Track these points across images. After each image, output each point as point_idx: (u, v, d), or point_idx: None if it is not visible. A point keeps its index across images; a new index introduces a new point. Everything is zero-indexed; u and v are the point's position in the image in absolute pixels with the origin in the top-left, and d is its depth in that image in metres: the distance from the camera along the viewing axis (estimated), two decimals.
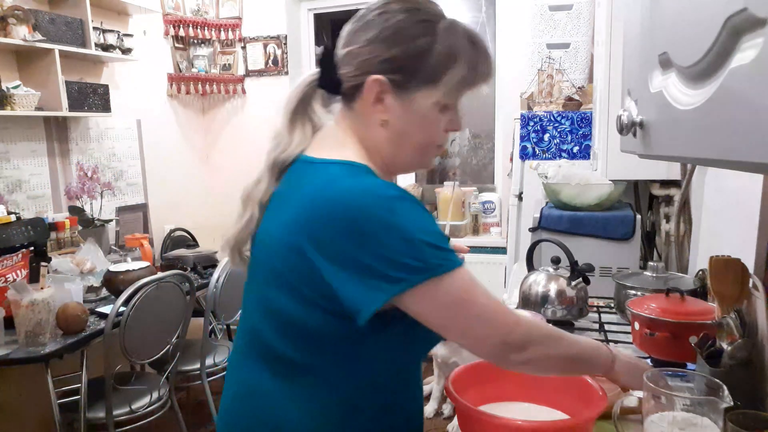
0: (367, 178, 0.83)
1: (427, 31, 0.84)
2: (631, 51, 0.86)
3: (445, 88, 0.85)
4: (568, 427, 0.90)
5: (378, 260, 0.76)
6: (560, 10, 2.76)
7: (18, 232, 2.38)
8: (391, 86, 0.84)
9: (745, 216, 1.22)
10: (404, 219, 0.77)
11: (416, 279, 0.76)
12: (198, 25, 3.77)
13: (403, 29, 0.84)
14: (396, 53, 0.84)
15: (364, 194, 0.78)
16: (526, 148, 2.65)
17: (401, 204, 0.77)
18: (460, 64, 0.84)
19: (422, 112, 0.86)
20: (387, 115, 0.86)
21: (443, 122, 0.88)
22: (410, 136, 0.88)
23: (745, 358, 0.94)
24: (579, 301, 1.58)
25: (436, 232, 0.79)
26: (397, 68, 0.84)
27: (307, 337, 0.84)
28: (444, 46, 0.84)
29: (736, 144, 0.43)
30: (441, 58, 0.84)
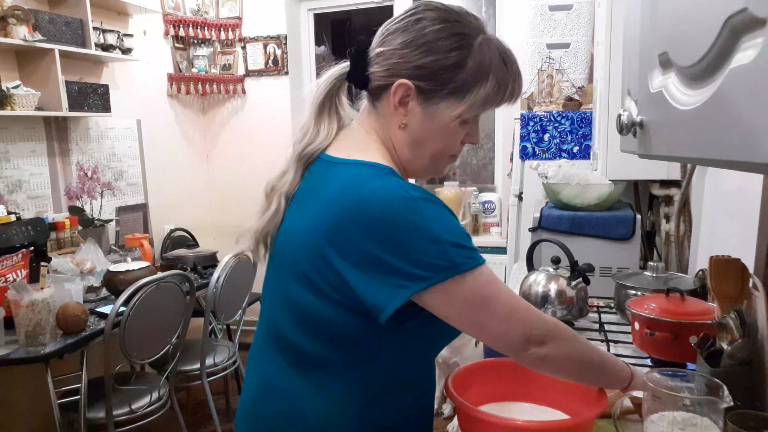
0: (391, 180, 0.83)
1: (461, 45, 0.84)
2: (631, 51, 0.86)
3: (469, 103, 0.85)
4: (568, 427, 0.90)
5: (402, 259, 0.77)
6: (560, 10, 2.76)
7: (18, 232, 2.38)
8: (417, 92, 0.86)
9: (745, 216, 1.22)
10: (429, 219, 0.78)
11: (440, 277, 0.78)
12: (198, 25, 3.77)
13: (439, 40, 0.84)
14: (428, 62, 0.84)
15: (389, 196, 0.79)
16: (526, 148, 2.65)
17: (425, 205, 0.79)
18: (490, 83, 0.85)
19: (443, 122, 0.87)
20: (407, 119, 0.88)
21: (462, 134, 0.90)
22: (427, 143, 0.89)
23: (745, 358, 0.94)
24: (579, 301, 1.58)
25: (460, 232, 0.81)
26: (426, 76, 0.85)
27: (326, 332, 0.85)
28: (476, 63, 0.84)
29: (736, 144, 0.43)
30: (471, 74, 0.84)
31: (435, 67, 0.84)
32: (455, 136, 0.89)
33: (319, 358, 0.87)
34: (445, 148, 0.90)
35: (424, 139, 0.89)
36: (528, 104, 2.83)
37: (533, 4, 2.80)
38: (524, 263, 1.77)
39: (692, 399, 0.84)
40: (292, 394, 0.88)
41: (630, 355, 1.35)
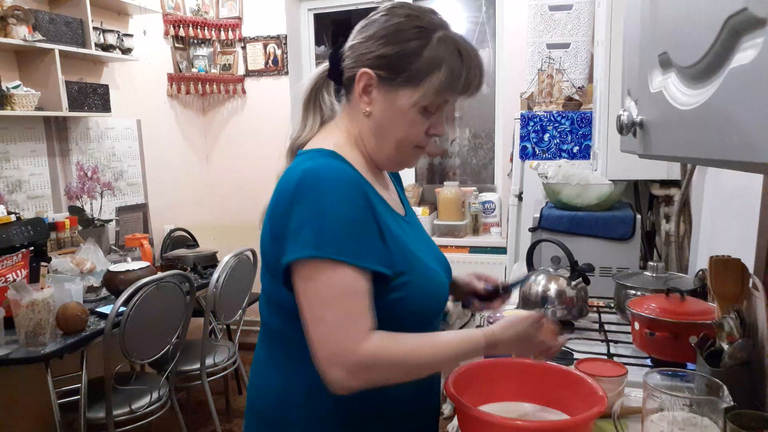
0: (320, 160, 0.89)
1: (420, 36, 0.90)
2: (631, 51, 0.86)
3: (424, 91, 0.90)
4: (568, 427, 0.90)
5: (292, 227, 0.84)
6: (560, 10, 2.75)
7: (18, 232, 2.38)
8: (378, 81, 0.92)
9: (745, 216, 1.22)
10: (324, 196, 0.83)
11: (313, 252, 0.82)
12: (198, 25, 3.77)
13: (400, 31, 0.91)
14: (387, 51, 0.90)
15: (304, 172, 0.85)
16: (526, 148, 2.65)
17: (329, 184, 0.84)
18: (443, 72, 0.90)
19: (403, 109, 0.92)
20: (371, 107, 0.94)
21: (425, 125, 0.93)
22: (390, 131, 0.94)
23: (745, 358, 0.94)
24: (579, 301, 1.58)
25: (348, 221, 0.83)
26: (385, 65, 0.91)
27: (281, 309, 0.92)
28: (431, 53, 0.90)
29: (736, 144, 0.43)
30: (426, 63, 0.90)
31: (394, 56, 0.90)
32: (417, 125, 0.93)
33: (280, 334, 0.94)
34: (408, 136, 0.94)
35: (387, 126, 0.94)
36: (528, 104, 2.83)
37: (533, 4, 2.80)
38: (524, 263, 1.78)
39: (692, 399, 0.84)
40: (260, 367, 0.99)
41: (630, 355, 1.35)
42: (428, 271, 0.95)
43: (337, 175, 0.85)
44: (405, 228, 0.99)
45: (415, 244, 0.97)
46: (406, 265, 0.91)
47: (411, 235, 0.99)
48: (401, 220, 1.00)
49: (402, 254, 0.91)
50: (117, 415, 2.19)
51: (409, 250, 0.93)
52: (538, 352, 1.00)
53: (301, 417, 0.93)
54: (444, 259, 1.07)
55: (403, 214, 1.04)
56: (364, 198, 0.86)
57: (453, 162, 4.07)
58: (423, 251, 0.98)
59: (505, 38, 3.46)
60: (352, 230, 0.83)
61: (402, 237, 0.94)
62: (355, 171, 0.91)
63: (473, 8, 3.78)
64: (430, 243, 1.08)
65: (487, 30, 3.74)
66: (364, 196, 0.86)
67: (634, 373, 1.15)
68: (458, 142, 4.03)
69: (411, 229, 1.02)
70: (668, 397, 0.84)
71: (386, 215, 0.93)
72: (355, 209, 0.84)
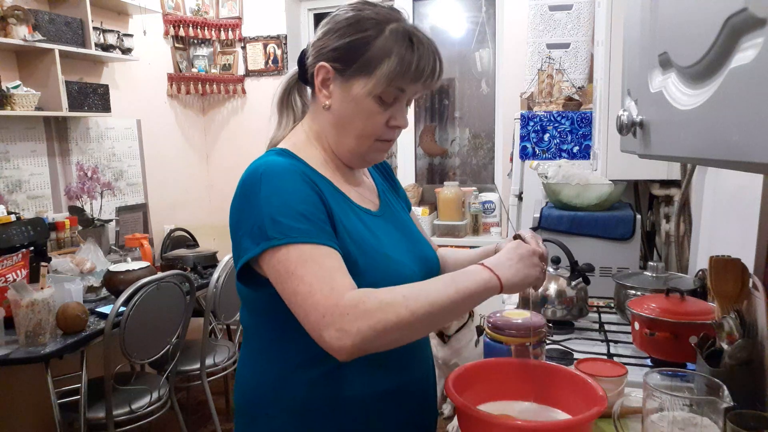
0: (267, 158, 0.92)
1: (370, 27, 0.92)
2: (631, 51, 0.86)
3: (377, 80, 0.91)
4: (568, 427, 0.90)
5: (240, 230, 0.87)
6: (560, 10, 2.76)
7: (18, 232, 2.38)
8: (335, 73, 0.94)
9: (745, 216, 1.22)
10: (264, 192, 0.86)
11: (257, 249, 0.84)
12: (198, 25, 3.77)
13: (354, 24, 0.93)
14: (341, 44, 0.93)
15: (249, 171, 0.89)
16: (526, 148, 2.65)
17: (269, 179, 0.87)
18: (393, 60, 0.90)
19: (359, 99, 0.93)
20: (330, 100, 0.95)
21: (384, 116, 0.94)
22: (349, 123, 0.95)
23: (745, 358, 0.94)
24: (579, 301, 1.58)
25: (288, 207, 0.85)
26: (339, 57, 0.93)
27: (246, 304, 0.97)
28: (382, 42, 0.91)
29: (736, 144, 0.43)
30: (377, 52, 0.91)
31: (346, 48, 0.92)
32: (375, 115, 0.94)
33: (249, 329, 0.98)
34: (368, 128, 0.95)
35: (346, 118, 0.95)
36: (528, 104, 2.83)
37: (533, 4, 2.80)
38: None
39: (692, 399, 0.84)
40: (238, 365, 1.02)
41: (630, 355, 1.35)
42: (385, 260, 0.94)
43: (278, 169, 0.88)
44: (368, 222, 0.98)
45: (373, 234, 0.96)
46: (357, 254, 0.90)
47: (373, 226, 0.98)
48: (367, 214, 1.00)
49: (354, 244, 0.91)
50: (117, 415, 2.19)
51: (365, 241, 0.93)
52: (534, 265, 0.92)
53: (274, 410, 0.94)
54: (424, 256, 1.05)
55: (375, 209, 1.04)
56: (309, 185, 0.88)
57: (453, 162, 4.07)
58: (385, 241, 0.98)
59: (505, 38, 3.46)
60: (294, 212, 0.85)
61: (357, 228, 0.94)
62: (301, 165, 0.93)
63: (473, 8, 3.78)
64: (407, 235, 1.05)
65: (487, 30, 3.74)
66: (307, 183, 0.88)
67: (634, 373, 1.15)
68: (458, 142, 4.03)
69: (380, 224, 1.01)
70: (668, 397, 0.84)
71: (341, 207, 0.94)
72: (298, 195, 0.86)
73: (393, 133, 0.97)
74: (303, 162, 0.95)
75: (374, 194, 1.08)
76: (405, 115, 0.97)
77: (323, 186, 0.93)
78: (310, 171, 0.94)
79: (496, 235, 3.58)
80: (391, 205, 1.09)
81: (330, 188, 0.95)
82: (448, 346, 2.57)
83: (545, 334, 1.17)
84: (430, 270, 1.05)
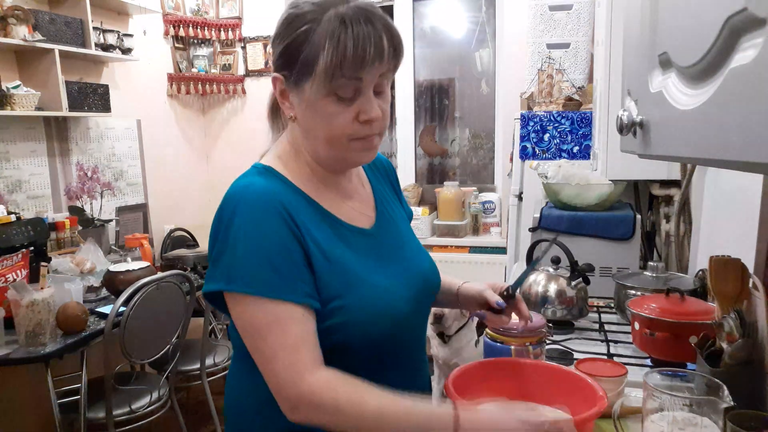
0: (246, 179, 0.86)
1: (304, 23, 0.82)
2: (631, 51, 0.86)
3: (318, 76, 0.81)
4: None
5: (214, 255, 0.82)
6: (560, 10, 2.76)
7: (18, 232, 2.38)
8: (287, 83, 0.86)
9: (745, 216, 1.22)
10: (236, 226, 0.80)
11: (225, 286, 0.80)
12: (198, 25, 3.77)
13: (289, 24, 0.84)
14: (281, 50, 0.85)
15: (228, 196, 0.83)
16: (526, 148, 2.65)
17: (243, 212, 0.80)
18: (327, 49, 0.79)
19: (313, 103, 0.84)
20: (293, 111, 0.88)
21: (349, 112, 0.83)
22: (314, 130, 0.86)
23: (745, 358, 0.94)
24: (579, 301, 1.58)
25: (261, 256, 0.79)
26: (285, 64, 0.85)
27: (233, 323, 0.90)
28: (317, 35, 0.80)
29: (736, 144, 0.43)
30: (313, 47, 0.81)
31: (285, 52, 0.84)
32: (338, 115, 0.83)
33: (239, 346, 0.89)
34: (334, 130, 0.84)
35: (311, 125, 0.87)
36: (528, 104, 2.83)
37: (533, 4, 2.80)
38: (524, 263, 1.77)
39: (692, 399, 0.84)
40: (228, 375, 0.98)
41: (630, 355, 1.35)
42: (372, 290, 0.87)
43: (255, 199, 0.81)
44: (356, 242, 0.90)
45: (364, 260, 0.89)
46: (341, 288, 0.84)
47: (364, 249, 0.91)
48: (358, 234, 0.92)
49: (339, 277, 0.84)
50: (117, 415, 2.19)
51: (351, 271, 0.86)
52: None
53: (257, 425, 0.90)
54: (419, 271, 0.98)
55: (369, 225, 0.95)
56: (284, 223, 0.81)
57: (453, 162, 4.07)
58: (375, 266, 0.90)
59: (505, 38, 3.46)
60: (264, 261, 0.79)
61: (343, 258, 0.86)
62: (282, 188, 0.86)
63: (473, 8, 3.78)
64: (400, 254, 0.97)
65: (487, 30, 3.74)
66: (283, 220, 0.81)
67: (634, 373, 1.15)
68: (458, 142, 4.03)
69: (370, 243, 0.93)
70: (668, 397, 0.84)
71: (325, 234, 0.86)
72: (271, 237, 0.80)
73: (368, 128, 0.85)
74: (285, 181, 0.88)
75: (370, 206, 0.99)
76: (374, 105, 0.84)
77: (305, 213, 0.86)
78: (293, 194, 0.87)
79: (495, 234, 3.58)
80: (388, 217, 1.00)
81: (313, 212, 0.88)
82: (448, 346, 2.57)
83: (545, 334, 1.17)
84: (425, 285, 0.99)
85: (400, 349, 0.94)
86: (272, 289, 0.78)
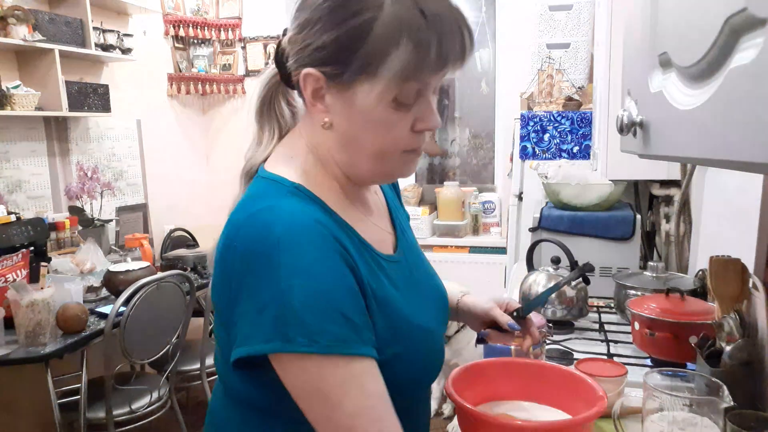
0: (277, 203, 0.68)
1: (361, 9, 0.65)
2: (631, 51, 0.86)
3: (387, 79, 0.66)
4: (568, 427, 0.90)
5: (245, 303, 0.64)
6: (560, 10, 2.76)
7: (18, 232, 2.38)
8: (327, 81, 0.69)
9: (745, 216, 1.22)
10: (285, 267, 0.62)
11: (271, 346, 0.62)
12: (198, 25, 3.77)
13: (340, 7, 0.66)
14: (326, 40, 0.67)
15: (256, 225, 0.65)
16: (526, 148, 2.65)
17: (291, 248, 0.63)
18: (404, 46, 0.65)
19: (368, 110, 0.68)
20: (330, 116, 0.71)
21: (407, 121, 0.70)
22: (361, 141, 0.71)
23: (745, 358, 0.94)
24: (579, 301, 1.58)
25: (326, 303, 0.62)
26: (329, 58, 0.67)
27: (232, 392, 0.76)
28: (384, 26, 0.65)
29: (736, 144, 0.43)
30: (379, 42, 0.65)
31: (335, 43, 0.66)
32: (396, 124, 0.69)
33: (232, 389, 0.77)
34: (388, 142, 0.70)
35: (356, 135, 0.70)
36: (528, 104, 2.83)
37: (533, 4, 2.81)
38: (524, 263, 1.78)
39: (692, 399, 0.84)
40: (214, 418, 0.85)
41: (630, 355, 1.35)
42: (421, 335, 0.76)
43: (302, 232, 0.64)
44: (393, 275, 0.76)
45: (406, 298, 0.76)
46: (389, 334, 0.70)
47: (401, 283, 0.77)
48: (390, 263, 0.77)
49: (387, 320, 0.71)
50: (117, 415, 2.19)
51: (398, 313, 0.73)
52: None
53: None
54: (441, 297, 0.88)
55: (393, 249, 0.81)
56: (342, 260, 0.66)
57: (453, 162, 4.07)
58: (415, 303, 0.77)
59: (505, 38, 3.46)
60: (333, 312, 0.62)
61: (388, 296, 0.72)
62: (325, 215, 0.69)
63: (473, 8, 3.78)
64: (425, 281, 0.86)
65: (487, 30, 3.74)
66: (340, 256, 0.66)
67: (634, 373, 1.15)
68: (458, 142, 4.03)
69: (401, 273, 0.79)
70: (668, 397, 0.84)
71: (369, 268, 0.72)
72: (334, 282, 0.64)
73: (422, 138, 0.72)
74: (324, 206, 0.72)
75: (387, 220, 0.86)
76: (434, 111, 0.71)
77: (348, 243, 0.70)
78: (334, 222, 0.70)
79: (495, 234, 3.58)
80: (403, 230, 0.88)
81: (355, 243, 0.72)
82: (448, 346, 2.57)
83: (545, 334, 1.17)
84: (445, 315, 0.90)
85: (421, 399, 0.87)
86: (343, 343, 0.62)
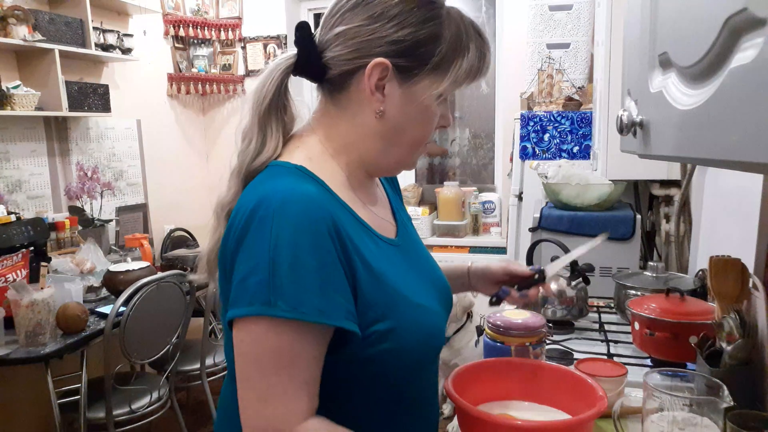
0: (282, 180, 0.73)
1: (434, 15, 0.76)
2: (631, 51, 0.86)
3: (452, 78, 0.77)
4: (568, 427, 0.90)
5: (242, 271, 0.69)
6: (560, 10, 2.76)
7: (18, 232, 2.38)
8: (395, 72, 0.76)
9: (745, 216, 1.22)
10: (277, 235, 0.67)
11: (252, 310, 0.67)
12: (198, 25, 3.77)
13: (411, 10, 0.75)
14: (403, 35, 0.74)
15: (260, 199, 0.70)
16: (526, 148, 2.65)
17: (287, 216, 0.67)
18: (471, 53, 0.77)
19: (424, 103, 0.78)
20: (385, 105, 0.77)
21: (438, 117, 0.81)
22: (406, 130, 0.79)
23: (745, 358, 0.94)
24: (579, 301, 1.58)
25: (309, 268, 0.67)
26: (403, 52, 0.75)
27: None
28: (452, 33, 0.76)
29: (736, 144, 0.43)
30: (451, 46, 0.76)
31: (412, 41, 0.75)
32: (434, 119, 0.80)
33: None
34: (424, 133, 0.81)
35: (403, 125, 0.79)
36: (528, 104, 2.83)
37: (533, 4, 2.80)
38: (524, 263, 1.77)
39: (692, 399, 0.84)
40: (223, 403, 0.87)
41: (630, 355, 1.35)
42: (418, 310, 0.79)
43: (301, 206, 0.68)
44: (392, 256, 0.82)
45: (404, 277, 0.81)
46: (386, 309, 0.74)
47: (399, 263, 0.82)
48: (388, 245, 0.83)
49: (384, 296, 0.75)
50: (117, 415, 2.19)
51: (395, 290, 0.77)
52: None
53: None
54: (442, 284, 0.92)
55: (393, 235, 0.87)
56: (333, 234, 0.70)
57: (453, 162, 4.07)
58: (413, 283, 0.82)
59: (505, 38, 3.46)
60: (313, 279, 0.67)
61: (385, 271, 0.77)
62: (326, 193, 0.75)
63: (473, 8, 3.78)
64: (426, 267, 0.91)
65: (487, 30, 3.74)
66: (332, 231, 0.70)
67: (634, 373, 1.15)
68: (458, 142, 4.03)
69: (400, 255, 0.84)
70: (668, 397, 0.84)
71: (366, 248, 0.76)
72: (319, 251, 0.68)
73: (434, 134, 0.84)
74: (324, 186, 0.77)
75: (389, 211, 0.92)
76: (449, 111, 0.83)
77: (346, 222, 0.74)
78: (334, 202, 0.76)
79: (495, 234, 3.58)
80: (404, 223, 0.93)
81: (355, 223, 0.78)
82: (448, 346, 2.57)
83: (545, 334, 1.17)
84: (447, 300, 0.93)
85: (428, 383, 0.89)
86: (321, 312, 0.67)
